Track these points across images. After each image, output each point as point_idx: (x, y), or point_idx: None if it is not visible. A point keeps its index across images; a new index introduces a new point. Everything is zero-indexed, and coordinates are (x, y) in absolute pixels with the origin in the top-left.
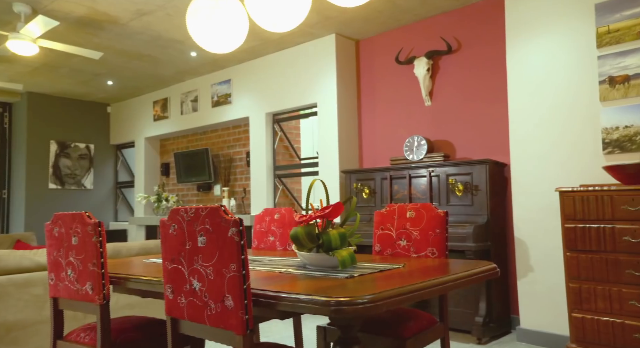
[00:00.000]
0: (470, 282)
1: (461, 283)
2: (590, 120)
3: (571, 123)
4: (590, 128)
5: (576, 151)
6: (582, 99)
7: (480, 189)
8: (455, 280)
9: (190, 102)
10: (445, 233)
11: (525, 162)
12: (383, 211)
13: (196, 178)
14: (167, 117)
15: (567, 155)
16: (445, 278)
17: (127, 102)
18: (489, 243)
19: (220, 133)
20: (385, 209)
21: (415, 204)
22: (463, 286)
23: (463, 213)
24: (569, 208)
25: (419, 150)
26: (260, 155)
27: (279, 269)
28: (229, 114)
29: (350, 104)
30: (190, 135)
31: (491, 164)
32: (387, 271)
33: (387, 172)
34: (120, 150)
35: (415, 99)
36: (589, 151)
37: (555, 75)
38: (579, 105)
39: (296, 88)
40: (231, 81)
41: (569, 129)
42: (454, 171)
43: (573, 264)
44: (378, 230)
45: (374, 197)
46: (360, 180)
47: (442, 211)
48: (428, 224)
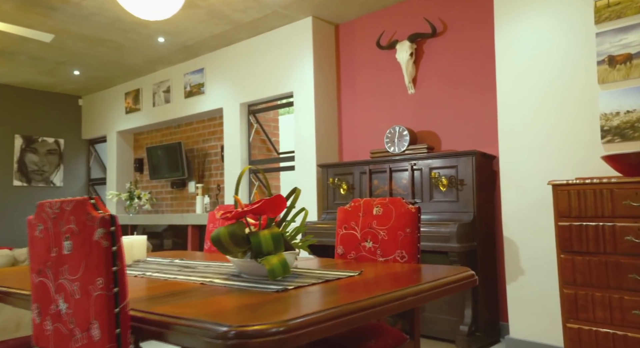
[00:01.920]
0: (440, 294)
1: (427, 297)
2: (587, 105)
3: (566, 110)
4: (587, 115)
5: (571, 141)
6: (579, 82)
7: (466, 183)
8: (418, 293)
9: (163, 94)
10: (416, 232)
11: (515, 153)
12: (347, 207)
13: (169, 174)
14: (139, 109)
15: (561, 145)
16: (405, 291)
17: (99, 95)
18: (475, 244)
19: (195, 125)
20: (350, 205)
21: (382, 199)
22: (430, 300)
23: (447, 210)
24: (563, 203)
25: (401, 142)
26: (234, 149)
27: (205, 279)
28: (202, 105)
29: (329, 93)
30: (165, 129)
31: (478, 156)
32: (335, 281)
33: (367, 166)
34: (93, 145)
35: (398, 87)
36: (585, 140)
37: (548, 56)
38: (575, 89)
39: (271, 77)
40: (204, 69)
41: (564, 116)
42: (438, 164)
43: (568, 267)
44: (341, 229)
45: (353, 193)
46: (338, 175)
47: (413, 207)
48: (397, 222)
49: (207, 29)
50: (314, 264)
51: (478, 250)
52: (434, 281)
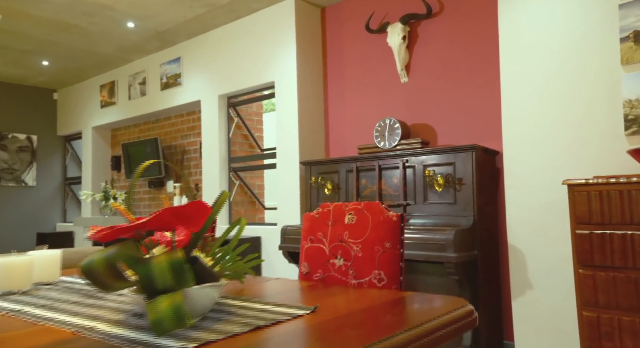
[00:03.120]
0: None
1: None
2: (607, 91)
3: (581, 96)
4: (607, 101)
5: (588, 132)
6: (597, 64)
7: (465, 183)
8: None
9: (138, 86)
10: (399, 247)
11: (521, 148)
12: (314, 213)
13: (146, 173)
14: (115, 103)
15: (576, 138)
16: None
17: (74, 88)
18: (475, 252)
19: (174, 120)
20: (317, 210)
21: (357, 204)
22: None
23: (443, 213)
24: (581, 207)
25: (392, 136)
26: (212, 145)
27: (90, 322)
28: (179, 97)
29: (314, 82)
30: (143, 124)
31: (479, 152)
32: (271, 328)
33: (353, 163)
34: (69, 142)
35: (389, 76)
36: (605, 132)
37: (561, 34)
38: (592, 72)
39: (251, 66)
40: (181, 59)
41: (578, 104)
42: (433, 160)
43: (588, 285)
44: (306, 241)
45: (338, 193)
46: (322, 173)
47: (394, 214)
48: (374, 234)
49: (179, 13)
50: (263, 290)
51: (479, 260)
52: (414, 329)
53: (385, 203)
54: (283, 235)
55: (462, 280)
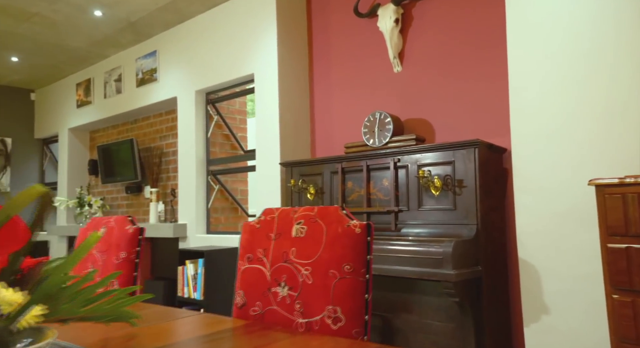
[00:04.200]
0: None
1: None
2: (636, 72)
3: (604, 80)
4: (636, 85)
5: (614, 123)
6: (623, 41)
7: (466, 185)
8: None
9: (114, 83)
10: (364, 271)
11: (532, 143)
12: (254, 222)
13: (121, 177)
14: (91, 102)
15: (599, 130)
16: None
17: (51, 87)
18: (480, 268)
19: (152, 120)
20: (259, 218)
21: (309, 209)
22: None
23: (441, 221)
24: (615, 214)
25: (382, 132)
26: (189, 146)
27: None
28: (155, 94)
29: (298, 74)
30: (121, 125)
31: (482, 148)
32: None
33: (338, 163)
34: (47, 145)
35: (381, 65)
36: (636, 122)
37: (580, 8)
38: (617, 50)
39: (230, 57)
40: (157, 52)
41: (602, 90)
42: (429, 159)
43: (625, 315)
44: (243, 261)
45: (322, 198)
46: (305, 176)
47: (358, 223)
48: (329, 251)
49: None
50: (163, 336)
51: (483, 278)
52: None
53: (375, 209)
54: None
55: (463, 302)
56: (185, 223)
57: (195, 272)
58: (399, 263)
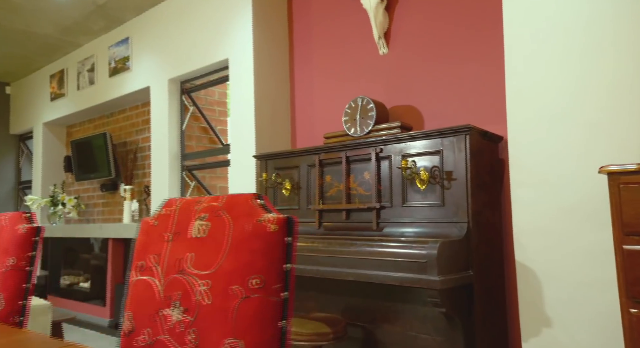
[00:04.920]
0: None
1: None
2: None
3: (612, 54)
4: None
5: (626, 103)
6: (633, 8)
7: (456, 178)
8: None
9: (87, 73)
10: (279, 288)
11: (531, 130)
12: (152, 218)
13: (95, 174)
14: (64, 95)
15: (608, 111)
16: None
17: (26, 80)
18: (471, 273)
19: (128, 113)
20: (158, 212)
21: (214, 199)
22: None
23: (428, 219)
24: (632, 208)
25: (365, 120)
26: (162, 139)
27: None
28: (128, 84)
29: (276, 58)
30: (97, 118)
31: (475, 135)
32: None
33: (316, 155)
34: (24, 142)
35: (365, 46)
36: None
37: None
38: (626, 19)
39: (204, 42)
40: (130, 39)
41: (609, 64)
42: (414, 149)
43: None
44: (135, 271)
45: (298, 195)
46: (280, 169)
47: (274, 217)
48: (234, 258)
49: None
50: None
51: (475, 284)
52: None
53: (354, 206)
54: None
55: (450, 313)
56: None
57: None
58: (378, 267)
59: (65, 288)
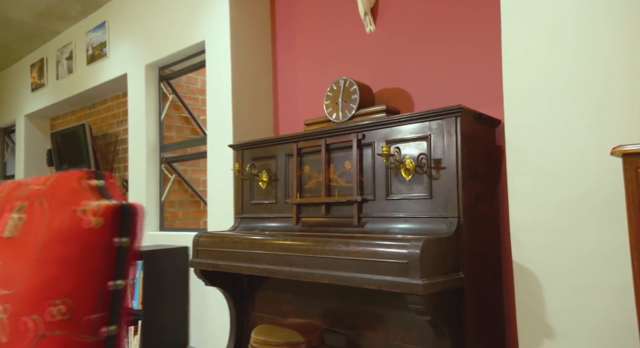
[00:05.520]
0: None
1: None
2: None
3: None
4: None
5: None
6: None
7: (446, 166)
8: None
9: (66, 61)
10: (101, 319)
11: (530, 108)
12: None
13: (74, 168)
14: (44, 85)
15: (621, 85)
16: None
17: (9, 71)
18: (461, 275)
19: (110, 103)
20: None
21: (43, 181)
22: None
23: (413, 213)
24: None
25: (348, 103)
26: (139, 130)
27: None
28: (106, 72)
29: (257, 40)
30: (80, 110)
31: (467, 118)
32: None
33: (294, 143)
34: (8, 135)
35: (350, 24)
36: None
37: None
38: None
39: (179, 23)
40: (106, 24)
41: (619, 31)
42: (399, 134)
43: None
44: None
45: (276, 187)
46: (256, 159)
47: (102, 205)
48: (39, 270)
49: None
50: None
51: (467, 288)
52: None
53: (333, 199)
54: (196, 246)
55: (437, 322)
56: None
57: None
58: (355, 269)
59: None
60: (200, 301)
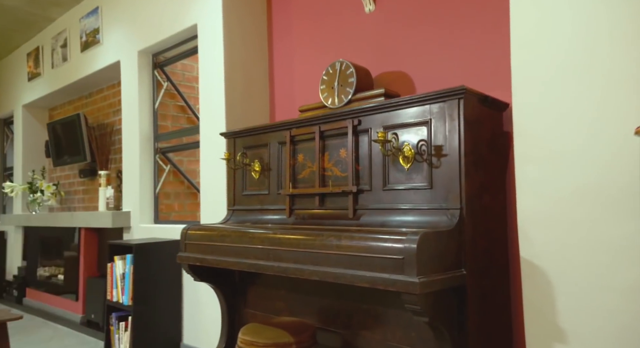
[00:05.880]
0: None
1: None
2: None
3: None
4: None
5: None
6: None
7: (447, 153)
8: None
9: (60, 49)
10: None
11: (540, 88)
12: None
13: (71, 159)
14: (40, 74)
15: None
16: None
17: (6, 61)
18: (463, 272)
19: (106, 93)
20: None
21: None
22: None
23: (412, 205)
24: None
25: (344, 87)
26: (133, 119)
27: None
28: (99, 59)
29: (252, 23)
30: (77, 100)
31: (471, 100)
32: None
33: (287, 130)
34: (8, 126)
35: (349, 4)
36: None
37: None
38: None
39: (172, 6)
40: (99, 9)
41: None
42: (398, 119)
43: None
44: None
45: (268, 177)
46: (249, 148)
47: None
48: None
49: None
50: None
51: (470, 287)
52: None
53: (327, 190)
54: (184, 239)
55: (436, 323)
56: (129, 210)
57: (125, 271)
58: (347, 265)
59: (42, 281)
60: (193, 297)
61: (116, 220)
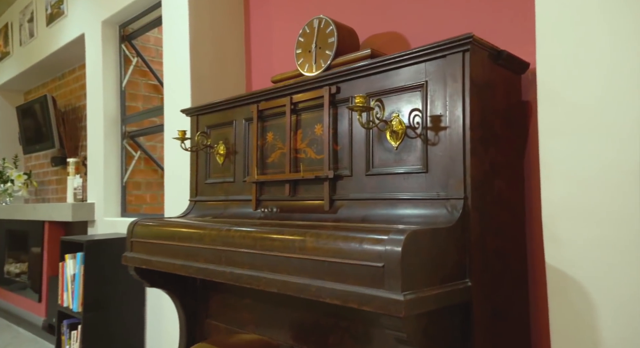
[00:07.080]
0: None
1: None
2: None
3: None
4: None
5: None
6: None
7: (448, 125)
8: None
9: (27, 24)
10: None
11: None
12: None
13: (39, 146)
14: (10, 53)
15: None
16: None
17: None
18: (468, 284)
19: (78, 73)
20: None
21: None
22: None
23: (401, 194)
24: None
25: (323, 50)
26: (97, 99)
27: None
28: (64, 33)
29: None
30: (50, 82)
31: (479, 55)
32: None
33: (254, 104)
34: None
35: None
36: None
37: None
38: None
39: None
40: None
41: None
42: (386, 84)
43: None
44: None
45: (234, 161)
46: (212, 127)
47: None
48: None
49: None
50: None
51: (476, 304)
52: None
53: (298, 175)
54: (130, 236)
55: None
56: (93, 202)
57: (75, 272)
58: (313, 273)
59: (10, 278)
60: (157, 303)
61: (77, 212)
